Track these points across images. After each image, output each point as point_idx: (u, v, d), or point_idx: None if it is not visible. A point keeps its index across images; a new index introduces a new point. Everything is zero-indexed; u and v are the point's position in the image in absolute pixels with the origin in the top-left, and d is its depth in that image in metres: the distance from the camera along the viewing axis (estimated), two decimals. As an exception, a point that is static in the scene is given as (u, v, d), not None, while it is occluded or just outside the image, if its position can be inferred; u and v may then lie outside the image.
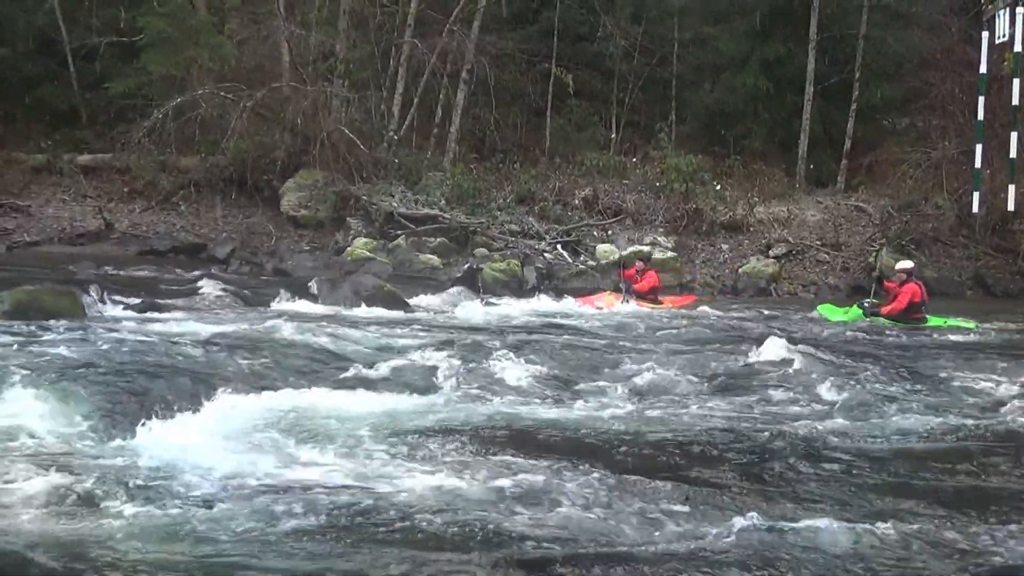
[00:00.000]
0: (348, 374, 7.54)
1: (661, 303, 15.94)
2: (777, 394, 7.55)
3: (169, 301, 12.40)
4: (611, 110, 28.65)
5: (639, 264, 16.62)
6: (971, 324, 13.75)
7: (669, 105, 28.49)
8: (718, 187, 22.98)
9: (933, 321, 13.87)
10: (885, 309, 13.97)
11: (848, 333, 12.21)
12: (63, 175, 24.29)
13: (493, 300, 15.13)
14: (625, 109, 28.68)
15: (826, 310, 15.02)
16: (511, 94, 27.39)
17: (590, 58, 28.68)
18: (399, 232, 20.43)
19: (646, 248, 20.34)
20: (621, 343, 10.22)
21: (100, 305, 10.93)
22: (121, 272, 16.66)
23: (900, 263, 15.39)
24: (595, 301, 15.53)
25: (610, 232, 21.89)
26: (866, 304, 14.31)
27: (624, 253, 18.77)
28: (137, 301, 11.67)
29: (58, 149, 24.53)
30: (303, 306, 12.71)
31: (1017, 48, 15.86)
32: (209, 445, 5.32)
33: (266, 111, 22.74)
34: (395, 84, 25.16)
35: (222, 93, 22.23)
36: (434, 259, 19.46)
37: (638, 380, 7.95)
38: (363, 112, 24.28)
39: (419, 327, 10.80)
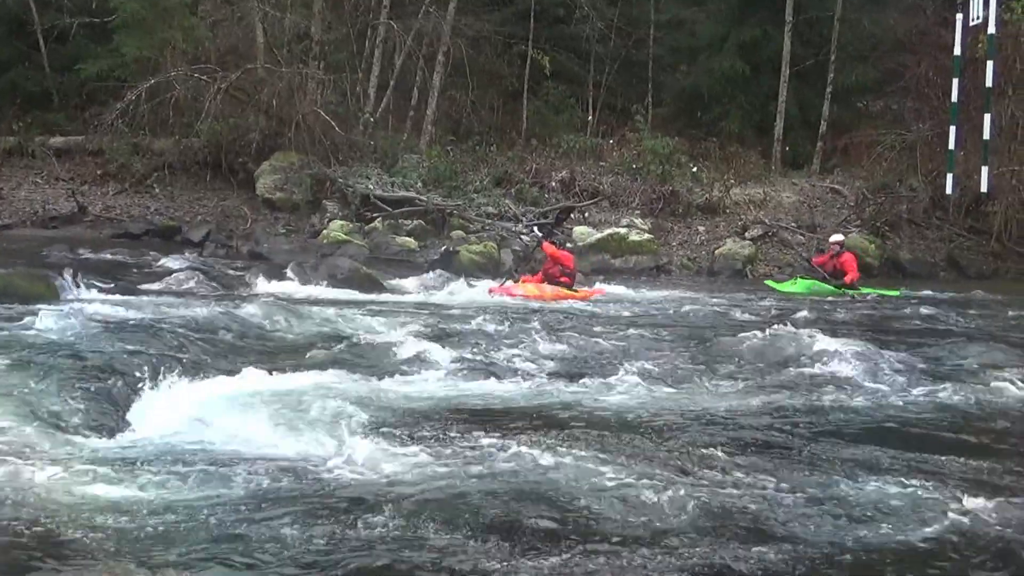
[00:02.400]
0: (325, 356, 7.52)
1: (576, 292, 14.20)
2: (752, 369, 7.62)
3: (144, 285, 12.32)
4: (587, 92, 28.63)
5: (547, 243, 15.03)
6: (896, 292, 15.99)
7: (646, 87, 28.52)
8: (695, 169, 23.06)
9: (864, 289, 15.94)
10: (849, 278, 16.06)
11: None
12: (35, 158, 24.10)
13: (471, 282, 15.11)
14: (602, 91, 28.67)
15: (773, 284, 16.90)
16: (488, 76, 27.32)
17: (567, 40, 28.67)
18: (375, 215, 20.38)
19: (622, 230, 20.40)
20: (593, 325, 10.26)
21: (74, 289, 10.82)
22: (95, 255, 16.49)
23: (833, 236, 17.67)
24: (512, 290, 13.93)
25: (587, 214, 21.91)
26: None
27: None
28: (112, 285, 11.58)
29: (30, 132, 24.32)
30: (279, 289, 12.65)
31: (991, 30, 15.98)
32: (188, 427, 5.30)
33: (241, 93, 22.58)
34: (371, 66, 25.05)
35: (196, 75, 22.05)
36: (411, 242, 19.42)
37: (618, 360, 7.99)
38: (339, 94, 24.15)
39: (395, 309, 10.79)
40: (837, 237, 17.45)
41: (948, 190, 18.33)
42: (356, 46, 25.65)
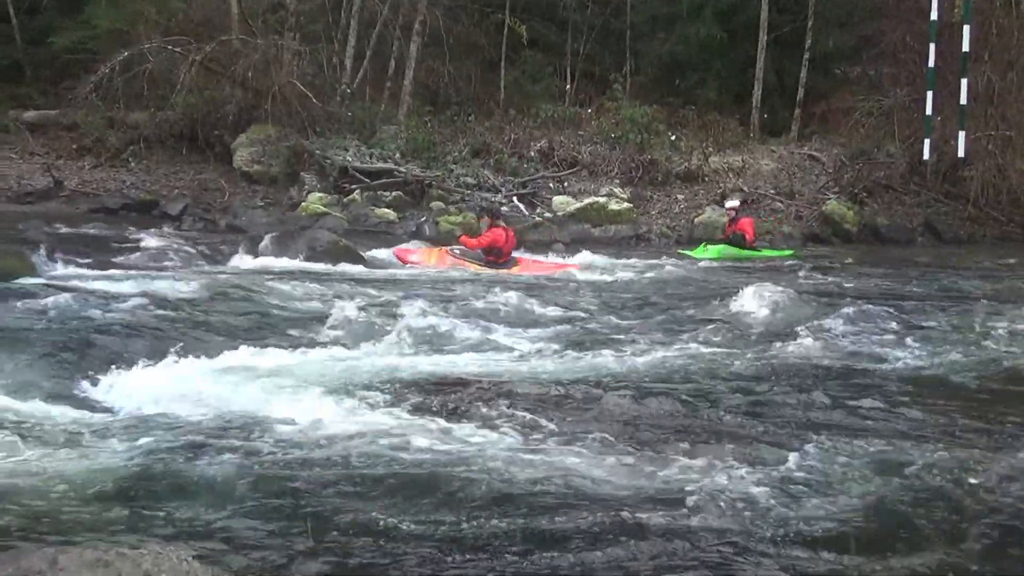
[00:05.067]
0: (304, 329, 7.53)
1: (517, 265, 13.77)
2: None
3: (122, 259, 12.27)
4: (565, 61, 28.50)
5: (485, 219, 14.65)
6: (788, 252, 17.07)
7: (624, 56, 28.38)
8: (673, 137, 23.02)
9: (764, 252, 16.80)
10: (750, 239, 16.75)
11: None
12: (9, 132, 23.82)
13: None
14: (580, 60, 28.55)
15: (685, 252, 17.14)
16: (465, 46, 27.16)
17: (544, 8, 28.51)
18: (354, 186, 20.27)
19: (601, 199, 20.37)
20: (571, 296, 10.30)
21: (51, 264, 10.79)
22: (72, 230, 16.37)
23: (728, 201, 18.39)
24: (408, 256, 13.84)
25: (566, 184, 21.87)
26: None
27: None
28: (89, 260, 11.53)
29: (2, 106, 24.02)
30: (258, 262, 12.62)
31: (967, -6, 15.99)
32: (166, 400, 5.30)
33: (216, 65, 22.32)
34: (347, 36, 24.85)
35: (170, 47, 21.80)
36: (390, 213, 19.36)
37: (588, 330, 8.03)
38: (315, 65, 23.95)
39: (375, 282, 10.78)
40: (733, 202, 18.08)
41: (925, 155, 18.37)
42: (332, 16, 25.44)
